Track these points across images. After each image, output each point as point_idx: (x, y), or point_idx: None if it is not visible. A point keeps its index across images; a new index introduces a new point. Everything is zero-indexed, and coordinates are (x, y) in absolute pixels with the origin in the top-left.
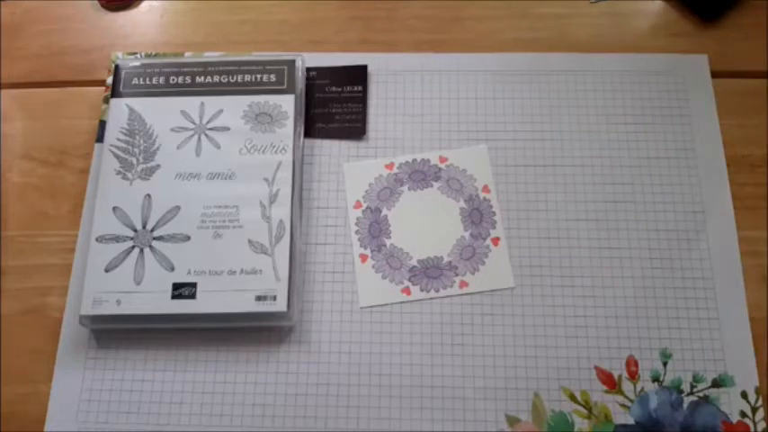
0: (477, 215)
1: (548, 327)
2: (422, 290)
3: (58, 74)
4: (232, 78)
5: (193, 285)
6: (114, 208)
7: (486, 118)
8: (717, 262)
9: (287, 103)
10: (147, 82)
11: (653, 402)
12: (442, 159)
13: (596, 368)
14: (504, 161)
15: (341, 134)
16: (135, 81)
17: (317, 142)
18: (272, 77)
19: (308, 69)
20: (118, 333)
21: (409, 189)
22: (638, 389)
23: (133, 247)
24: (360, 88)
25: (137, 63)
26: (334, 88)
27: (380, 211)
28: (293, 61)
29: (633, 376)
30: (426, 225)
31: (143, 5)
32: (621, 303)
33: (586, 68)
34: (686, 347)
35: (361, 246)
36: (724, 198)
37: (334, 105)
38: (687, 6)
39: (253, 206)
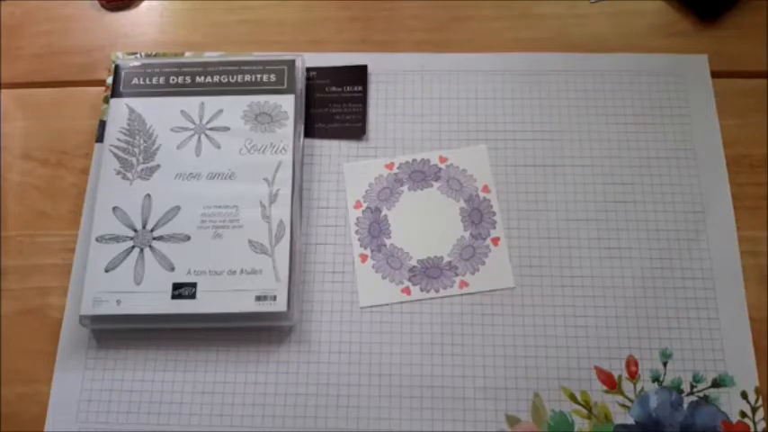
0: (477, 215)
1: (548, 327)
2: (422, 290)
3: (58, 74)
4: (232, 78)
5: (193, 285)
6: (114, 208)
7: (486, 118)
8: (717, 262)
9: (287, 103)
10: (147, 82)
11: (653, 402)
12: (442, 159)
13: (596, 368)
14: (504, 161)
15: (341, 134)
16: (135, 81)
17: (317, 142)
18: (272, 77)
19: (308, 69)
20: (118, 333)
21: (409, 189)
22: (638, 389)
23: (133, 247)
24: (360, 88)
25: (137, 63)
26: (334, 88)
27: (380, 211)
28: (293, 61)
29: (633, 376)
30: (426, 225)
31: (143, 5)
32: (621, 303)
33: (586, 68)
34: (686, 347)
35: (361, 246)
36: (724, 198)
37: (334, 105)
38: (687, 6)
39: (253, 206)
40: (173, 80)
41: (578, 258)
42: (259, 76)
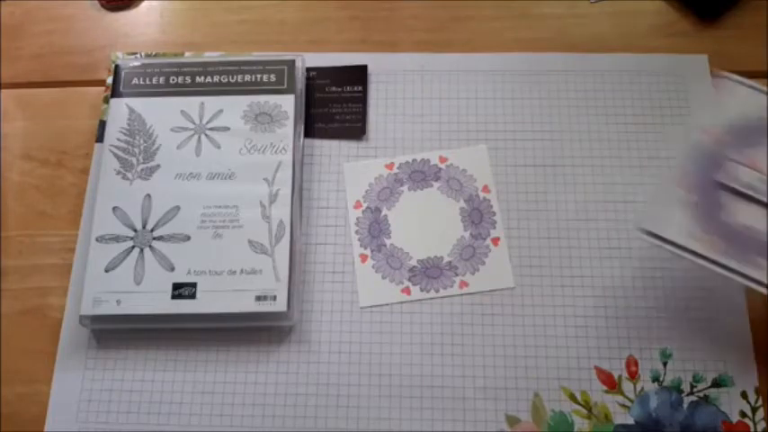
0: (477, 215)
1: (548, 327)
2: (422, 290)
3: (58, 74)
4: (232, 78)
5: (193, 285)
6: (114, 208)
7: (486, 118)
8: None
9: (287, 103)
10: (147, 82)
11: (653, 402)
12: (442, 159)
13: (596, 368)
14: (504, 161)
15: (341, 134)
16: (135, 81)
17: (317, 142)
18: (272, 77)
19: (308, 69)
20: (118, 333)
21: (409, 189)
22: (638, 389)
23: (133, 247)
24: (360, 88)
25: (137, 63)
26: (334, 88)
27: (380, 211)
28: (293, 61)
29: (633, 376)
30: (426, 225)
31: (143, 5)
32: (621, 303)
33: (586, 68)
34: (686, 347)
35: (361, 246)
36: None
37: (334, 105)
38: (687, 6)
39: (253, 206)
40: (173, 80)
41: (578, 258)
42: (259, 76)
